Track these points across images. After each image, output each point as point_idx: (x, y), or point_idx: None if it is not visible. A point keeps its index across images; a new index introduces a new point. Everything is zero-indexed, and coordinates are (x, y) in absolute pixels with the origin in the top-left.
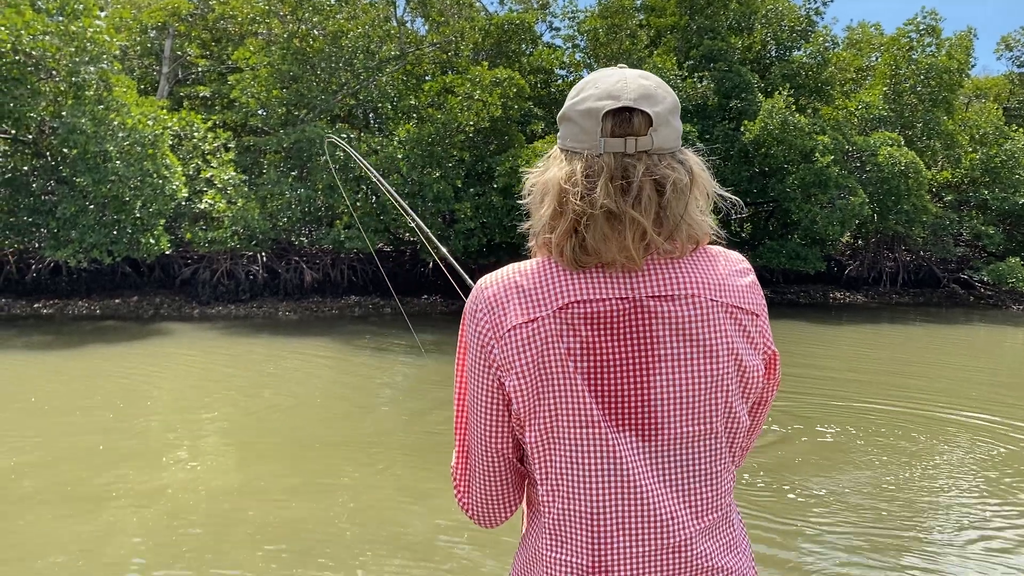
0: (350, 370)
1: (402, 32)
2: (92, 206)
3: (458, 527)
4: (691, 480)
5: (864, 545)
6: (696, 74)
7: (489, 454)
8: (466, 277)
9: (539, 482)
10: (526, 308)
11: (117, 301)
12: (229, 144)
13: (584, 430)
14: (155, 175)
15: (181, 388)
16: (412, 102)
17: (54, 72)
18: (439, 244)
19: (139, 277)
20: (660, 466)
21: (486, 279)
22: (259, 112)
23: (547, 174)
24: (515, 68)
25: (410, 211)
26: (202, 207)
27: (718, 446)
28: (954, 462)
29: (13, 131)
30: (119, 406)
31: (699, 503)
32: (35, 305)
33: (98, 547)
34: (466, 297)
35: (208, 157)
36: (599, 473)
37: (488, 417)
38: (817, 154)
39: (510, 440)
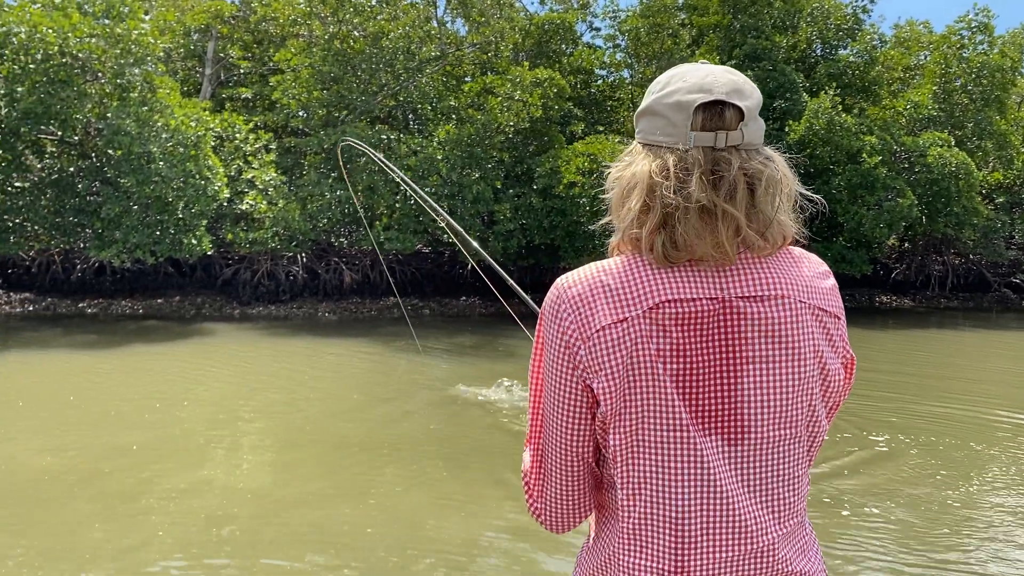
0: (388, 372)
1: (442, 33)
2: (136, 207)
3: (498, 535)
4: (775, 484)
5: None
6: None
7: (568, 457)
8: (502, 273)
9: (620, 486)
10: (615, 308)
11: (160, 301)
12: (270, 145)
13: (671, 433)
14: (197, 176)
15: (220, 388)
16: (452, 103)
17: (100, 74)
18: (472, 240)
19: (181, 277)
20: (745, 470)
21: (568, 278)
22: (300, 113)
23: (633, 168)
24: (555, 68)
25: (441, 210)
26: (243, 208)
27: (800, 450)
28: (1015, 473)
29: (60, 132)
30: (158, 406)
31: (781, 508)
32: (80, 304)
33: (135, 548)
34: (500, 294)
35: (249, 158)
36: (685, 477)
37: (569, 420)
38: (864, 155)
39: (590, 443)
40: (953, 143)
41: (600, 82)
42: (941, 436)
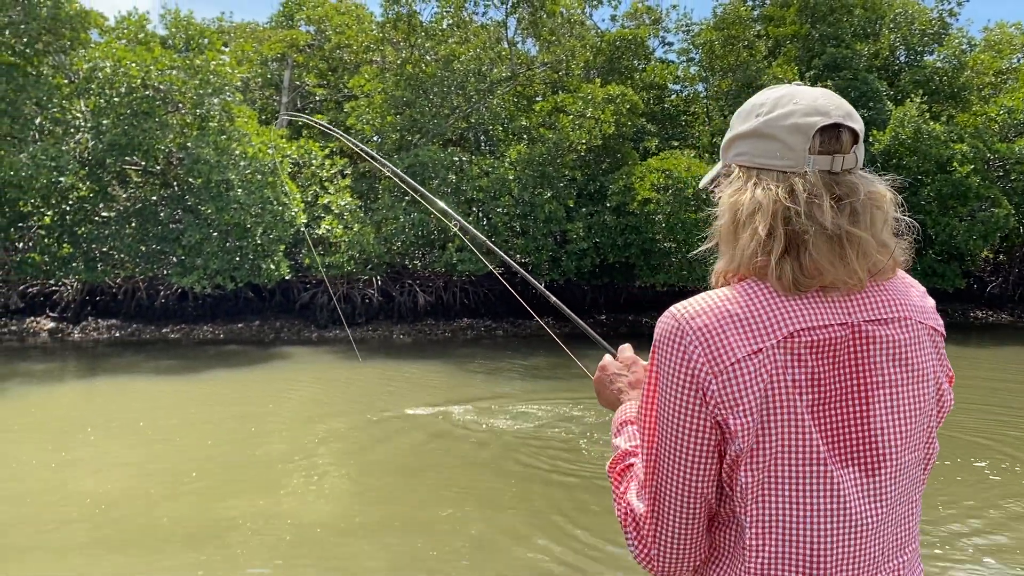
0: (462, 394)
1: (513, 53)
2: (216, 233)
3: (576, 565)
4: (902, 511)
5: None
6: (819, 84)
7: (690, 499)
8: (532, 280)
9: (749, 524)
10: (748, 338)
11: (240, 325)
12: (345, 171)
13: (809, 468)
14: (275, 202)
15: (297, 413)
16: (523, 123)
17: (180, 105)
18: (484, 238)
19: (261, 302)
20: (880, 500)
21: (688, 308)
22: (374, 138)
23: (752, 192)
24: (627, 84)
25: (450, 211)
26: (320, 233)
27: (918, 474)
28: None
29: (143, 163)
30: (236, 432)
31: (907, 536)
32: (163, 330)
33: (218, 571)
34: (527, 305)
35: (325, 184)
36: (822, 513)
37: (694, 460)
38: (955, 163)
39: (715, 482)
40: None
41: (674, 97)
42: None
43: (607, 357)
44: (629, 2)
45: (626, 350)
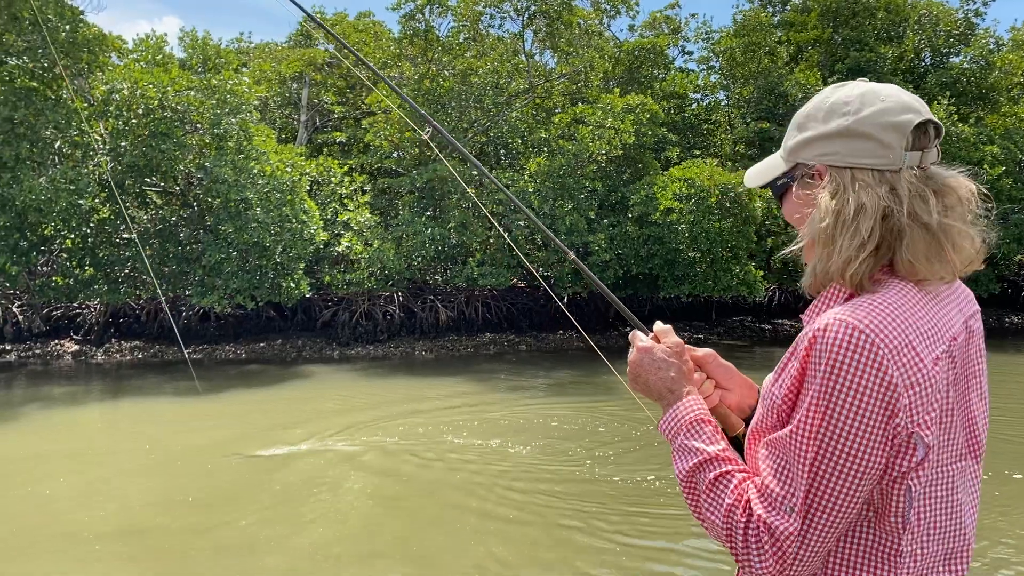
0: (485, 411)
1: (530, 66)
2: (235, 253)
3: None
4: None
5: None
6: None
7: (846, 513)
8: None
9: (904, 531)
10: (930, 348)
11: (262, 345)
12: (365, 187)
13: (958, 465)
14: (294, 220)
15: (319, 434)
16: (543, 135)
17: (198, 125)
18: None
19: (283, 320)
20: (977, 487)
21: (873, 321)
22: (393, 154)
23: (854, 194)
24: (647, 94)
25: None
26: (340, 250)
27: None
28: None
29: (162, 184)
30: (257, 454)
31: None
32: (186, 350)
33: None
34: (589, 328)
35: (345, 201)
36: (968, 508)
37: (871, 476)
38: (985, 166)
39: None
40: None
41: (694, 105)
42: None
43: (643, 337)
44: (647, 12)
45: (669, 333)
